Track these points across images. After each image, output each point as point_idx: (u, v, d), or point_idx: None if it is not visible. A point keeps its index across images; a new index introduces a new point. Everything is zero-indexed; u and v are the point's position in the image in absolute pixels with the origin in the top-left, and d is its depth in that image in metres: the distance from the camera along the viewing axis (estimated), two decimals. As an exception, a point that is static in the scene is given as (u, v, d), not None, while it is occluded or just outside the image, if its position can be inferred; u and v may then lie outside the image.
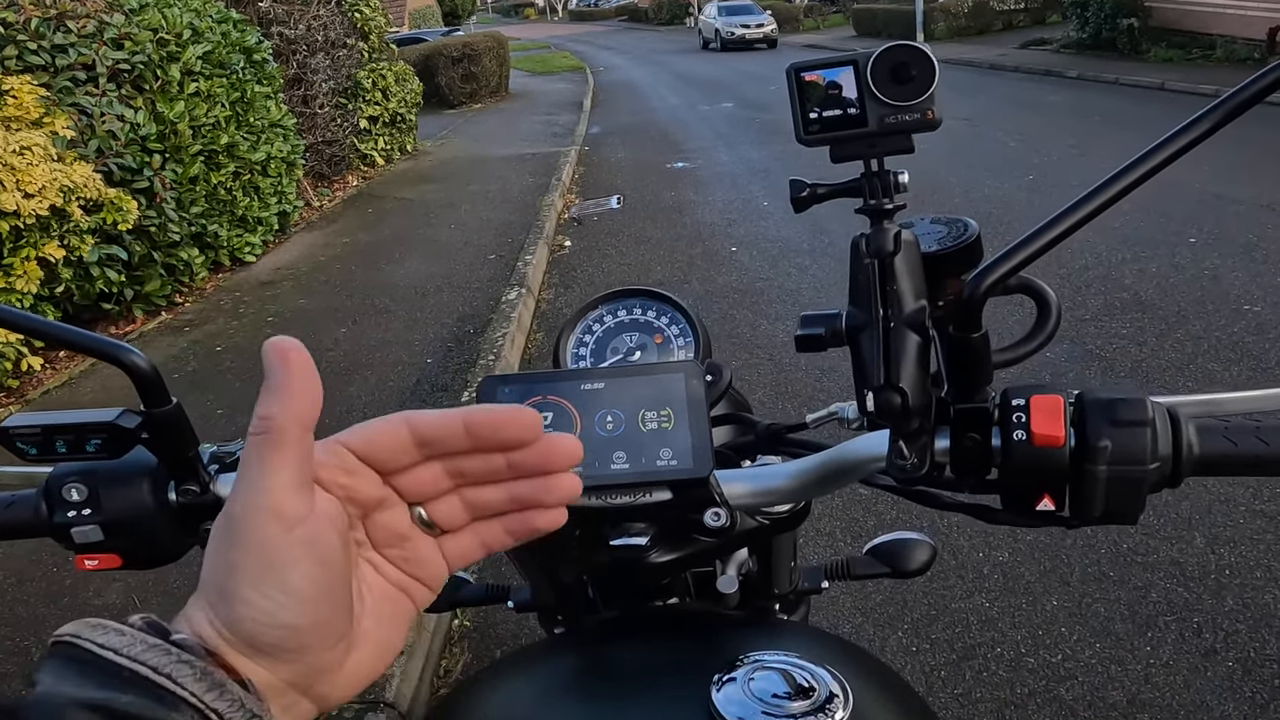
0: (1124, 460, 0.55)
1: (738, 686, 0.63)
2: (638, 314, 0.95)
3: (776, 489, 0.71)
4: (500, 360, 4.18)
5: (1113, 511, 0.57)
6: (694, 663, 0.72)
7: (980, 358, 0.57)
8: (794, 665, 0.66)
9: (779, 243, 6.09)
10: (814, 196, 0.67)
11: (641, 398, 0.69)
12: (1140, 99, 11.06)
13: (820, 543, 2.72)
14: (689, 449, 0.67)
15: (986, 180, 7.26)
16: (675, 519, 0.69)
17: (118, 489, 0.68)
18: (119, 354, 0.63)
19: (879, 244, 0.61)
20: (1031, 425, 0.57)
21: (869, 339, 0.60)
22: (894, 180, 0.64)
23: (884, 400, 0.58)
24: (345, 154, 9.19)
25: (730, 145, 10.29)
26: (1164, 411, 0.57)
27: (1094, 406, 0.57)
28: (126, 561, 0.71)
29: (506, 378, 0.72)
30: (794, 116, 0.63)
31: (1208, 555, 2.50)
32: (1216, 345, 3.83)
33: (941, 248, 0.68)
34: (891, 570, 1.02)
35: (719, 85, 16.84)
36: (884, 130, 0.62)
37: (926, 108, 0.61)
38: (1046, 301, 0.69)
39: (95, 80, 4.78)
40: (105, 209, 4.39)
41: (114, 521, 0.68)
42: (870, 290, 0.61)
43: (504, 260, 5.92)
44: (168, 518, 0.70)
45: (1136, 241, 5.24)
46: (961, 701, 2.11)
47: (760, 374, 3.99)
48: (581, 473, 0.67)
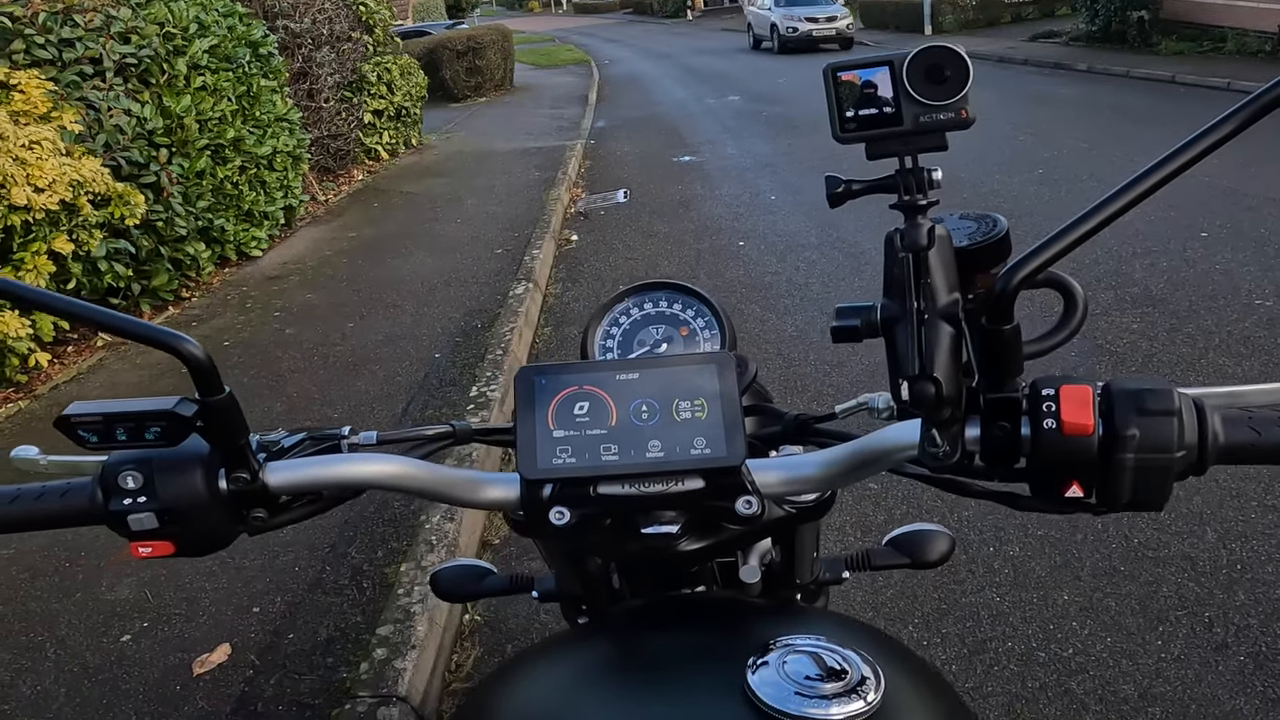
0: (1151, 449, 0.57)
1: (771, 669, 0.64)
2: (664, 307, 0.97)
3: (807, 477, 0.72)
4: (508, 355, 4.20)
5: (1140, 499, 0.59)
6: (726, 648, 0.73)
7: (1012, 349, 0.59)
8: (825, 648, 0.67)
9: (786, 237, 6.09)
10: (849, 192, 0.69)
11: (676, 388, 0.71)
12: (1151, 92, 11.02)
13: (830, 537, 2.74)
14: (722, 438, 0.69)
15: (995, 175, 7.25)
16: (706, 507, 0.71)
17: (172, 476, 0.70)
18: (176, 343, 0.64)
19: (914, 239, 0.63)
20: (1061, 414, 0.59)
21: (904, 331, 0.63)
22: (928, 177, 0.65)
23: (919, 390, 0.60)
24: (350, 148, 9.20)
25: (737, 139, 10.29)
26: (1190, 402, 0.59)
27: (1122, 396, 0.59)
28: (180, 548, 0.72)
29: (543, 368, 0.73)
30: (830, 115, 0.66)
31: (1219, 550, 2.51)
32: (1227, 340, 3.84)
33: (972, 242, 0.70)
34: (911, 561, 1.05)
35: (725, 78, 16.82)
36: (919, 129, 0.64)
37: (961, 107, 0.63)
38: (1073, 295, 0.72)
39: (102, 74, 4.80)
40: (113, 203, 4.41)
41: (168, 509, 0.69)
42: (905, 283, 0.63)
43: (510, 254, 5.93)
44: (219, 505, 0.71)
45: (1147, 236, 5.24)
46: (973, 695, 2.12)
47: (769, 368, 4.00)
48: (617, 460, 0.70)
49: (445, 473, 0.76)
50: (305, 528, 2.85)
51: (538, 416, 0.71)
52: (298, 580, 2.66)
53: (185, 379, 0.65)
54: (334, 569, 2.70)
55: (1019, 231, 0.57)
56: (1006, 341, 0.58)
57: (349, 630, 2.42)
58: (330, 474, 0.74)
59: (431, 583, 1.06)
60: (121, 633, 2.52)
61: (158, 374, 4.30)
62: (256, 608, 2.57)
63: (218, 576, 2.70)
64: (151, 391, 4.04)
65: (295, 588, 2.64)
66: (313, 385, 4.05)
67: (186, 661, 2.39)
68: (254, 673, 2.33)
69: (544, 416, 0.71)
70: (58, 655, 2.45)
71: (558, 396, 0.72)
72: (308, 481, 0.74)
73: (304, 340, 4.67)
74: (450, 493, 0.75)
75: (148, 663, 2.40)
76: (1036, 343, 0.69)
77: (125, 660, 2.42)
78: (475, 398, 3.76)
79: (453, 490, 0.75)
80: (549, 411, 0.71)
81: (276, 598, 2.60)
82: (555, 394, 0.72)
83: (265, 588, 2.65)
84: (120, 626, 2.54)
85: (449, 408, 3.72)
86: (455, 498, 0.75)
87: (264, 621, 2.51)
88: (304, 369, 4.26)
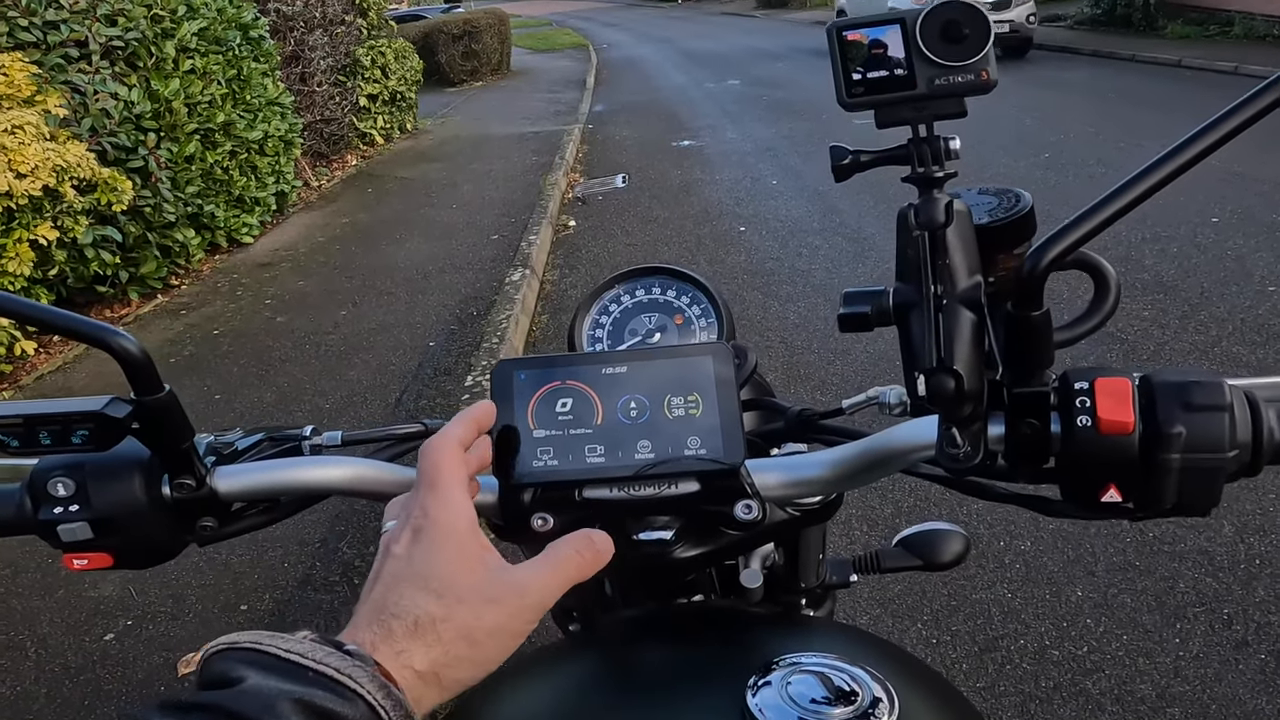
0: (1200, 448, 0.52)
1: (774, 690, 0.60)
2: (657, 294, 0.92)
3: (813, 479, 0.67)
4: (505, 343, 4.14)
5: (1185, 503, 0.54)
6: (725, 665, 0.69)
7: (1041, 338, 0.53)
8: (833, 667, 0.62)
9: (788, 222, 6.03)
10: (856, 164, 0.63)
11: (667, 382, 0.66)
12: (1157, 76, 10.94)
13: (835, 533, 2.68)
14: (719, 437, 0.64)
15: (1001, 158, 7.18)
16: (703, 511, 0.66)
17: (107, 483, 0.65)
18: (107, 338, 0.59)
19: (929, 215, 0.57)
20: (1098, 410, 0.53)
21: (919, 318, 0.56)
22: (945, 146, 0.59)
23: (937, 384, 0.54)
24: (344, 133, 9.12)
25: (738, 123, 10.21)
26: (1241, 395, 0.53)
27: (1165, 390, 0.53)
28: (118, 561, 0.68)
29: (523, 361, 0.68)
30: (835, 78, 0.59)
31: (1237, 544, 2.46)
32: (1241, 328, 3.77)
33: (993, 220, 0.64)
34: (924, 563, 1.00)
35: (726, 62, 16.71)
36: (934, 93, 0.58)
37: (981, 68, 0.57)
38: (1105, 277, 0.66)
39: (88, 57, 4.72)
40: (99, 189, 4.33)
41: (104, 518, 0.65)
42: (920, 265, 0.57)
43: (507, 240, 5.86)
44: (162, 513, 0.67)
45: (1157, 221, 5.17)
46: (984, 695, 2.07)
47: (772, 357, 3.94)
48: (603, 462, 0.64)
49: (413, 476, 0.71)
50: (295, 521, 2.80)
51: (516, 415, 0.66)
52: (287, 576, 2.61)
53: (179, 368, 0.59)
54: (325, 565, 2.64)
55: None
56: (1035, 329, 0.53)
57: (339, 630, 2.36)
58: (286, 479, 0.69)
59: None
60: (105, 631, 2.46)
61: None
62: (244, 605, 2.51)
63: (204, 573, 2.64)
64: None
65: (284, 584, 2.58)
66: (304, 375, 3.99)
67: (171, 661, 2.34)
68: (241, 672, 2.27)
69: (523, 415, 0.66)
70: (38, 655, 2.40)
71: (538, 393, 0.67)
72: (261, 487, 0.69)
73: (296, 329, 4.60)
74: None
75: (131, 662, 2.35)
76: (1065, 330, 0.64)
77: (108, 660, 2.37)
78: (470, 387, 3.69)
79: None
80: (529, 410, 0.66)
81: (265, 595, 2.55)
82: (536, 390, 0.67)
83: (253, 584, 2.59)
84: (103, 625, 2.49)
85: (443, 398, 3.66)
86: None
87: (252, 620, 2.45)
88: (295, 358, 4.19)
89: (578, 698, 0.71)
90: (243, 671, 0.43)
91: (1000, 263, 0.64)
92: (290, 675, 0.42)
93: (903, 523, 2.63)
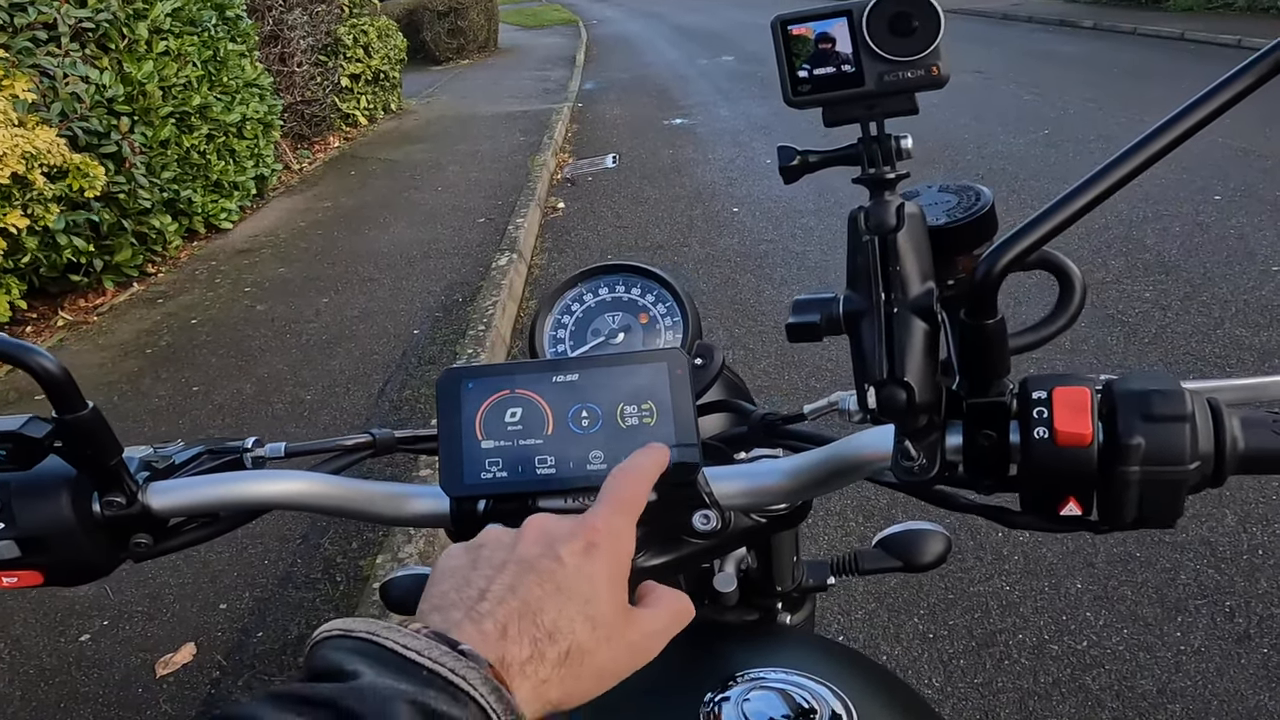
0: (1160, 460, 0.51)
1: (732, 707, 0.60)
2: (620, 292, 0.91)
3: (772, 488, 0.67)
4: (491, 330, 4.11)
5: (1147, 516, 0.53)
6: (684, 679, 0.69)
7: (996, 346, 0.53)
8: (792, 684, 0.63)
9: (783, 203, 6.00)
10: (805, 165, 0.63)
11: (620, 390, 0.66)
12: (1159, 49, 10.89)
13: (830, 524, 2.67)
14: (673, 447, 0.63)
15: (1000, 135, 7.15)
16: (662, 521, 0.66)
17: (33, 501, 0.64)
18: (24, 356, 0.58)
19: (879, 218, 0.57)
20: (1055, 422, 0.52)
21: (869, 327, 0.56)
22: (896, 145, 0.59)
23: (887, 396, 0.54)
24: (326, 114, 9.04)
25: (731, 101, 10.15)
26: (1204, 402, 0.52)
27: (1125, 399, 0.52)
28: (49, 578, 0.67)
29: (470, 370, 0.67)
30: (781, 75, 0.58)
31: (1239, 534, 2.45)
32: (1244, 309, 3.76)
33: (951, 220, 0.63)
34: (904, 564, 0.99)
35: (719, 38, 16.61)
36: (883, 89, 0.57)
37: (931, 63, 0.56)
38: (1070, 278, 0.64)
39: (57, 40, 4.65)
40: (71, 175, 4.28)
41: (31, 537, 0.64)
42: (870, 272, 0.56)
43: (494, 224, 5.83)
44: (92, 531, 0.66)
45: (1158, 199, 5.15)
46: (982, 691, 2.07)
47: (765, 342, 3.93)
48: (555, 474, 0.64)
49: (363, 487, 0.70)
50: (275, 517, 2.78)
51: (464, 426, 0.65)
52: (267, 575, 2.59)
53: (156, 359, 0.57)
54: (305, 562, 2.63)
55: (1024, 195, 0.50)
56: (990, 337, 0.52)
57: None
58: (222, 494, 0.69)
59: (381, 593, 1.00)
60: (80, 632, 2.45)
61: (121, 355, 4.20)
62: (224, 604, 2.50)
63: (182, 571, 2.63)
64: (115, 374, 3.95)
65: (264, 582, 2.57)
66: (284, 365, 3.96)
67: (149, 662, 2.32)
68: (220, 674, 2.26)
69: (470, 426, 0.65)
70: (13, 656, 2.38)
71: (486, 403, 0.66)
72: (196, 503, 0.68)
73: (276, 317, 4.57)
74: (370, 509, 0.70)
75: (108, 664, 2.34)
76: (1029, 333, 0.63)
77: (84, 661, 2.35)
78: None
79: (372, 506, 0.70)
80: (476, 420, 0.65)
81: (245, 593, 2.53)
82: (483, 400, 0.66)
83: (232, 583, 2.58)
84: (79, 625, 2.47)
85: (428, 388, 3.64)
86: (376, 514, 0.70)
87: (231, 619, 2.44)
88: (275, 347, 4.16)
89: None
90: (357, 665, 0.42)
91: (960, 264, 0.63)
92: (405, 673, 0.42)
93: (899, 514, 2.62)
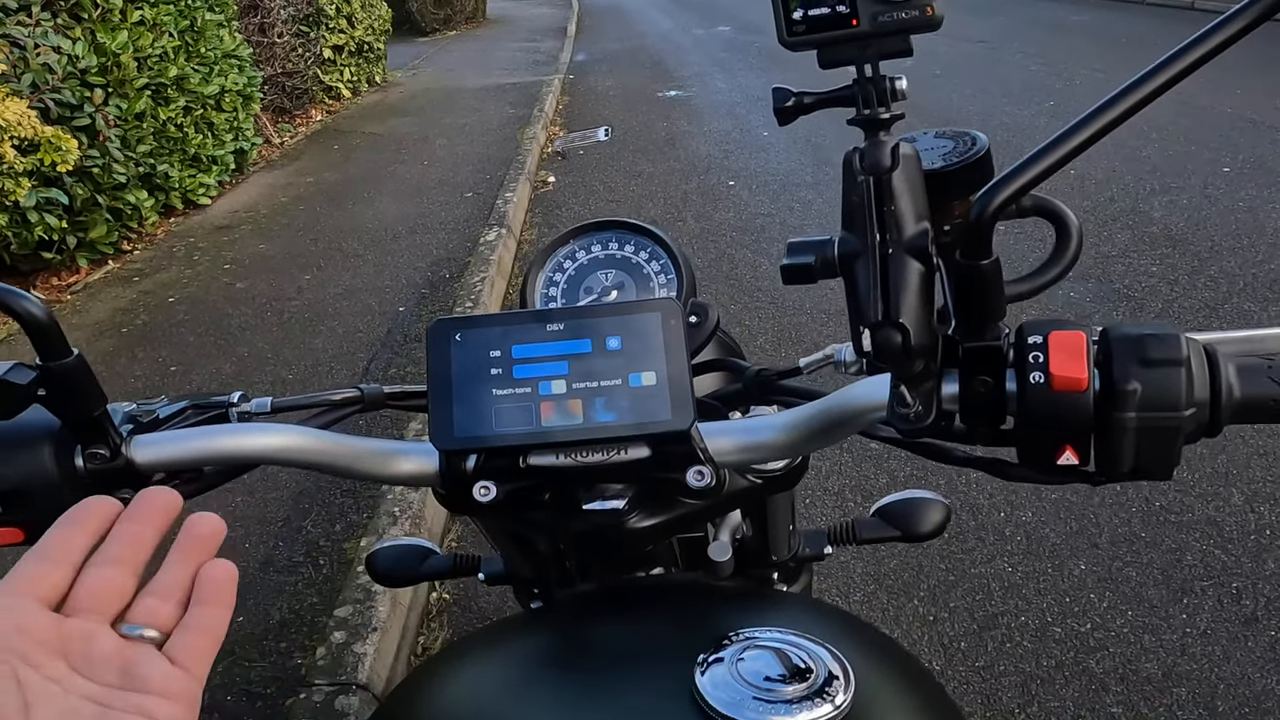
0: (1155, 406, 0.51)
1: (725, 667, 0.60)
2: (614, 249, 0.92)
3: (767, 443, 0.67)
4: (479, 306, 4.09)
5: (1143, 466, 0.53)
6: (678, 641, 0.69)
7: (991, 288, 0.53)
8: (789, 643, 0.62)
9: (780, 176, 5.97)
10: (800, 106, 0.62)
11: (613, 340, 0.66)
12: (1168, 18, 10.85)
13: (828, 502, 2.66)
14: (667, 400, 0.63)
15: (1005, 106, 7.13)
16: (656, 479, 0.66)
17: (14, 454, 0.64)
18: (9, 300, 0.57)
19: (874, 159, 0.56)
20: (1050, 366, 0.52)
21: (864, 268, 0.56)
22: (891, 86, 0.58)
23: (882, 339, 0.53)
24: (308, 86, 8.97)
25: (727, 72, 10.10)
26: (1200, 349, 0.52)
27: (1121, 344, 0.52)
28: (30, 536, 0.66)
29: (460, 321, 0.67)
30: (775, 16, 0.58)
31: (1247, 514, 2.45)
32: (1253, 283, 3.76)
33: (946, 164, 0.63)
34: (902, 534, 1.00)
35: (714, 7, 16.52)
36: (878, 30, 0.56)
37: (926, 3, 0.55)
38: (1066, 224, 0.64)
39: (28, 9, 4.58)
40: (42, 149, 4.23)
41: (12, 490, 0.64)
42: (865, 212, 0.56)
43: (482, 198, 5.79)
44: (75, 485, 0.65)
45: (1166, 171, 5.14)
46: (983, 675, 2.06)
47: (761, 318, 3.91)
48: (556, 425, 0.63)
49: (349, 443, 0.70)
50: (256, 499, 2.77)
51: (454, 378, 0.65)
52: (248, 558, 2.58)
53: (133, 338, 0.55)
54: (287, 545, 2.61)
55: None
56: (985, 279, 0.52)
57: (304, 612, 2.34)
58: (209, 447, 0.68)
59: (368, 564, 1.03)
60: (54, 619, 2.43)
61: (96, 334, 4.16)
62: (202, 590, 2.48)
63: (158, 552, 2.61)
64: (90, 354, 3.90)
65: (244, 566, 2.55)
66: (265, 344, 3.93)
67: (125, 650, 2.31)
68: (199, 661, 2.25)
69: (461, 378, 0.65)
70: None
71: (477, 353, 0.66)
72: (182, 457, 0.68)
73: (256, 295, 4.53)
74: (356, 466, 0.70)
75: (83, 652, 2.32)
76: (1024, 281, 0.63)
77: (58, 649, 2.33)
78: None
79: (359, 463, 0.70)
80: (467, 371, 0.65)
81: (224, 578, 2.52)
82: (474, 350, 0.66)
83: (212, 567, 2.56)
84: (53, 612, 2.46)
85: (414, 365, 3.62)
86: (363, 471, 0.70)
87: (210, 605, 2.42)
88: (256, 326, 4.13)
89: (519, 678, 0.71)
90: None
91: (956, 210, 0.63)
92: None
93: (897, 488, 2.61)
